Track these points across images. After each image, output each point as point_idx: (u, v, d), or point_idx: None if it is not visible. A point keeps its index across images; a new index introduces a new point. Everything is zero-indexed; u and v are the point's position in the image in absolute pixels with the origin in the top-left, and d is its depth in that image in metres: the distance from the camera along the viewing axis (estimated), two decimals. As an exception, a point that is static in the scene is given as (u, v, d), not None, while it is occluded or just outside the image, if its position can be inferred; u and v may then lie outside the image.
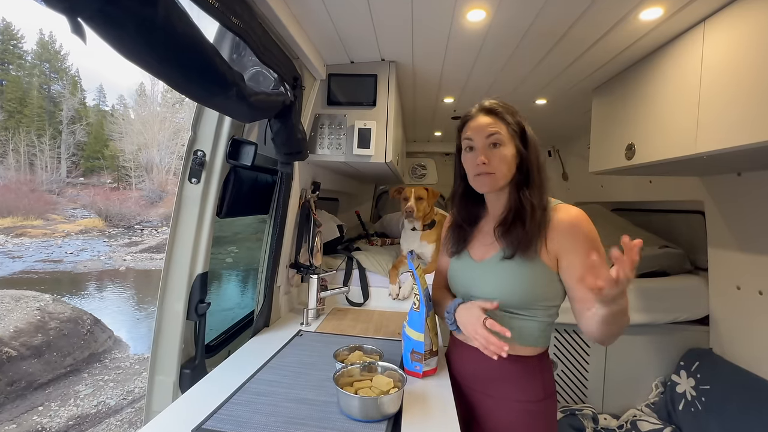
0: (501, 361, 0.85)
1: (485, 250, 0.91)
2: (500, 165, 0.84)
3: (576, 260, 0.80)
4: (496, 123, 0.85)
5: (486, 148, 0.85)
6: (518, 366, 0.86)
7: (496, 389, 0.89)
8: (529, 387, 0.87)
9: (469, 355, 0.93)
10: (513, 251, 0.83)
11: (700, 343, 1.65)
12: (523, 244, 0.82)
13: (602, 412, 1.71)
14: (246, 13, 0.80)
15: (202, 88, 0.71)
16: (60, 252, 12.73)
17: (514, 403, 0.87)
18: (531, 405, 0.86)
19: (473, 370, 0.93)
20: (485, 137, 0.85)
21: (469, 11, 1.08)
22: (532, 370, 0.87)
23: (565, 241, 0.81)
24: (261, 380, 0.93)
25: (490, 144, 0.85)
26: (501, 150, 0.84)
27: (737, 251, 1.47)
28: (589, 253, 0.76)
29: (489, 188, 0.88)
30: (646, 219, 2.17)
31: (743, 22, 0.93)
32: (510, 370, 0.87)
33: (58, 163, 23.26)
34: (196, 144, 1.06)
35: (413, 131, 2.79)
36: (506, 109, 0.87)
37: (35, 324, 4.84)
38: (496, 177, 0.85)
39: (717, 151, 0.98)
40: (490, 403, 0.90)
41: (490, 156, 0.85)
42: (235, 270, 2.05)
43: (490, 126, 0.85)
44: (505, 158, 0.84)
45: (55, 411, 3.78)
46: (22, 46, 24.32)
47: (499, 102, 0.88)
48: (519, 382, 0.87)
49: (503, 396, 0.88)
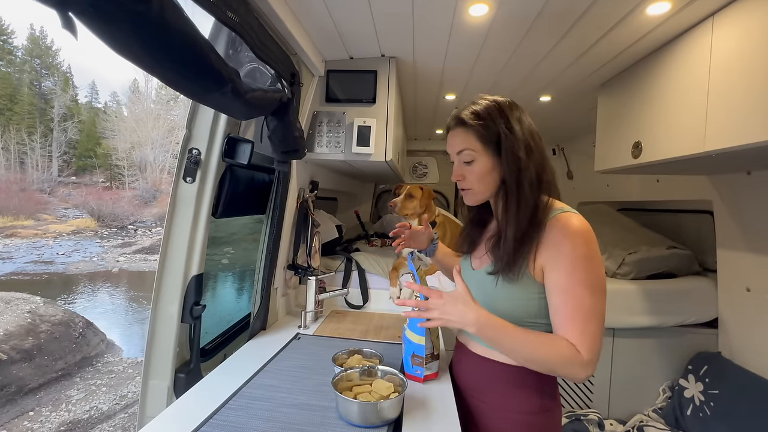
0: (499, 370, 0.83)
1: (481, 259, 0.89)
2: (475, 182, 0.82)
3: (552, 277, 0.73)
4: (467, 137, 0.80)
5: (460, 164, 0.83)
6: (516, 376, 0.82)
7: (493, 397, 0.86)
8: (525, 398, 0.82)
9: (469, 360, 0.91)
10: (497, 269, 0.79)
11: (709, 346, 1.63)
12: (505, 263, 0.77)
13: (608, 418, 1.70)
14: (242, 8, 0.79)
15: (197, 84, 0.70)
16: (51, 253, 12.58)
17: (509, 414, 0.83)
18: (526, 417, 0.82)
19: (472, 376, 0.91)
20: (456, 154, 0.83)
21: (471, 5, 1.07)
22: (530, 382, 0.82)
23: (550, 253, 0.74)
24: (258, 385, 0.92)
25: (463, 161, 0.82)
26: (473, 166, 0.81)
27: (747, 252, 1.45)
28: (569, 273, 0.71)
29: (472, 202, 0.87)
30: (653, 219, 2.16)
31: (753, 17, 0.91)
32: (508, 379, 0.83)
33: (49, 162, 22.96)
34: (191, 142, 1.04)
35: (414, 129, 2.77)
36: (483, 118, 0.79)
37: (26, 327, 4.77)
38: (474, 192, 0.83)
39: (726, 149, 0.97)
40: (487, 412, 0.87)
41: (465, 172, 0.83)
42: (231, 271, 2.02)
43: (460, 142, 0.82)
44: (478, 174, 0.81)
45: (46, 416, 3.73)
46: (12, 42, 23.94)
47: (478, 109, 0.80)
48: (515, 392, 0.83)
49: (499, 405, 0.84)
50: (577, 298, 0.71)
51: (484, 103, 0.82)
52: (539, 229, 0.75)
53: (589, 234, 0.74)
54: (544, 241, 0.75)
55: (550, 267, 0.74)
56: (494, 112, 0.80)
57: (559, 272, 0.72)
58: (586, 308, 0.70)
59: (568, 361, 0.69)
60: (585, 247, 0.72)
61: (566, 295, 0.72)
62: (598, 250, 0.74)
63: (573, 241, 0.72)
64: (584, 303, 0.70)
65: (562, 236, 0.73)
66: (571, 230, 0.73)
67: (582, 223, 0.74)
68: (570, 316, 0.71)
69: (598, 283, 0.72)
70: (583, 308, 0.70)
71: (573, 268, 0.71)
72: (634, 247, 1.81)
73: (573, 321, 0.70)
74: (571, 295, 0.71)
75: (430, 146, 3.15)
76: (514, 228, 0.76)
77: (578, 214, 0.77)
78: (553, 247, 0.74)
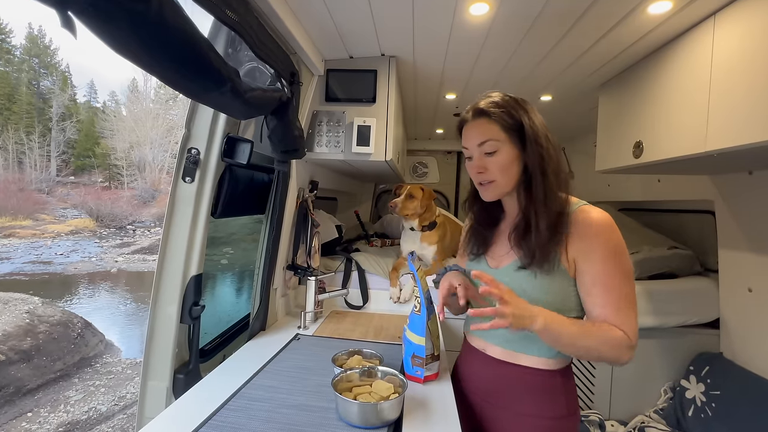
0: (520, 374, 0.82)
1: (502, 257, 0.86)
2: (498, 173, 0.80)
3: (589, 269, 0.75)
4: (489, 127, 0.79)
5: (481, 157, 0.81)
6: (539, 379, 0.81)
7: (511, 402, 0.84)
8: (549, 402, 0.81)
9: (484, 363, 0.88)
10: (529, 261, 0.78)
11: (710, 347, 1.63)
12: (540, 255, 0.76)
13: (609, 418, 1.68)
14: (241, 7, 0.79)
15: (196, 83, 0.70)
16: (50, 253, 12.54)
17: (531, 419, 0.81)
18: (551, 422, 0.81)
19: (487, 379, 0.89)
20: (477, 145, 0.81)
21: (471, 4, 1.06)
22: (555, 385, 0.81)
23: (582, 246, 0.75)
24: (257, 386, 0.91)
25: (484, 152, 0.80)
26: (496, 157, 0.79)
27: (749, 252, 1.45)
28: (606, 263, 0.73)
29: (492, 197, 0.84)
30: (655, 219, 2.15)
31: (754, 16, 0.91)
32: (530, 382, 0.82)
33: (47, 162, 22.89)
34: (190, 142, 1.03)
35: (414, 128, 2.76)
36: (503, 107, 0.79)
37: (24, 328, 4.75)
38: (498, 184, 0.81)
39: (728, 148, 0.96)
40: (502, 416, 0.85)
41: (487, 164, 0.80)
42: (230, 272, 2.02)
43: (482, 133, 0.80)
44: (501, 165, 0.79)
45: (44, 417, 3.72)
46: (10, 41, 23.87)
47: (496, 99, 0.81)
48: (539, 396, 0.81)
49: (518, 410, 0.83)
50: (616, 287, 0.73)
51: (500, 95, 0.82)
52: (567, 220, 0.76)
53: (614, 225, 0.76)
54: (572, 234, 0.76)
55: (584, 258, 0.75)
56: (513, 103, 0.81)
57: (595, 263, 0.74)
58: (624, 295, 0.73)
59: (620, 346, 0.71)
60: (615, 238, 0.75)
61: (606, 285, 0.74)
62: (623, 239, 0.76)
63: (603, 232, 0.75)
64: (623, 290, 0.73)
65: (591, 228, 0.75)
66: (598, 222, 0.75)
67: (605, 215, 0.77)
68: (613, 303, 0.73)
69: (630, 272, 0.75)
70: (623, 295, 0.73)
71: (608, 259, 0.74)
72: (635, 247, 1.81)
73: (617, 308, 0.73)
74: (611, 284, 0.74)
75: (431, 146, 3.15)
76: (545, 217, 0.76)
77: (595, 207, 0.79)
78: (583, 239, 0.75)
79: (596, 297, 0.75)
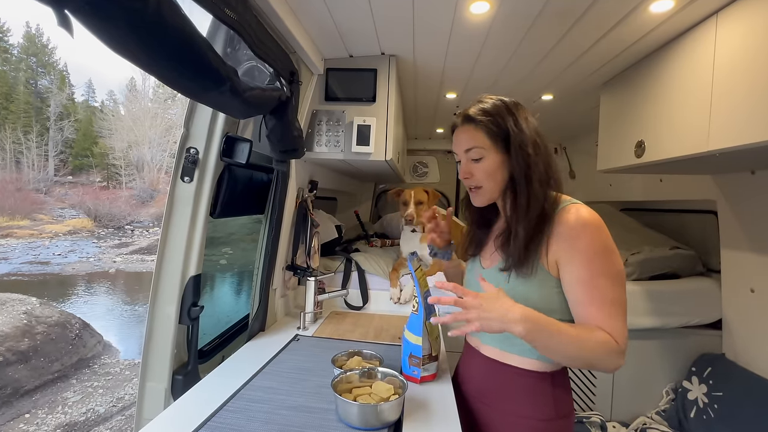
0: (513, 374, 0.82)
1: (492, 257, 0.88)
2: (483, 179, 0.81)
3: (571, 269, 0.73)
4: (475, 134, 0.80)
5: (468, 162, 0.82)
6: (528, 380, 0.81)
7: (505, 403, 0.84)
8: (537, 404, 0.80)
9: (479, 363, 0.89)
10: (509, 264, 0.78)
11: (713, 348, 1.62)
12: (518, 259, 0.76)
13: (611, 420, 1.68)
14: (240, 6, 0.78)
15: (194, 83, 0.70)
16: (47, 253, 12.49)
17: (519, 419, 0.81)
18: (538, 423, 0.80)
19: (482, 379, 0.89)
20: (464, 152, 0.82)
21: (472, 3, 1.06)
22: (544, 386, 0.81)
23: (564, 246, 0.73)
24: (256, 387, 0.91)
25: (471, 158, 0.81)
26: (482, 164, 0.80)
27: (751, 252, 1.44)
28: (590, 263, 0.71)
29: (482, 202, 0.85)
30: (657, 219, 2.15)
31: (757, 14, 0.91)
32: (519, 383, 0.81)
33: (45, 161, 22.80)
34: (189, 141, 1.03)
35: (414, 128, 2.76)
36: (490, 114, 0.79)
37: (21, 328, 4.72)
38: (485, 190, 0.82)
39: (730, 148, 0.96)
40: (496, 417, 0.85)
41: (473, 170, 0.82)
42: (229, 272, 2.01)
43: (468, 139, 0.81)
44: (486, 171, 0.80)
45: (42, 419, 3.70)
46: (7, 40, 23.75)
47: (485, 105, 0.81)
48: (527, 397, 0.81)
49: (512, 411, 0.82)
50: (599, 289, 0.71)
51: (491, 101, 0.82)
52: (548, 222, 0.75)
53: (601, 224, 0.73)
54: (554, 234, 0.74)
55: (566, 260, 0.73)
56: (502, 109, 0.80)
57: (576, 265, 0.72)
58: (609, 298, 0.70)
59: (609, 351, 0.68)
60: (599, 238, 0.72)
61: (588, 286, 0.71)
62: (611, 239, 0.73)
63: (585, 232, 0.72)
64: (607, 293, 0.70)
65: (573, 228, 0.73)
66: (582, 222, 0.73)
67: (591, 214, 0.74)
68: (597, 306, 0.71)
69: (618, 274, 0.72)
70: (608, 298, 0.70)
71: (591, 260, 0.71)
72: (637, 247, 1.81)
73: (600, 311, 0.70)
74: (593, 286, 0.71)
75: (431, 145, 3.14)
76: (524, 224, 0.76)
77: (586, 205, 0.76)
78: (565, 240, 0.73)
79: (577, 299, 0.73)
